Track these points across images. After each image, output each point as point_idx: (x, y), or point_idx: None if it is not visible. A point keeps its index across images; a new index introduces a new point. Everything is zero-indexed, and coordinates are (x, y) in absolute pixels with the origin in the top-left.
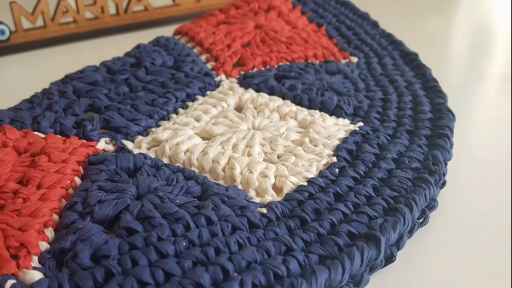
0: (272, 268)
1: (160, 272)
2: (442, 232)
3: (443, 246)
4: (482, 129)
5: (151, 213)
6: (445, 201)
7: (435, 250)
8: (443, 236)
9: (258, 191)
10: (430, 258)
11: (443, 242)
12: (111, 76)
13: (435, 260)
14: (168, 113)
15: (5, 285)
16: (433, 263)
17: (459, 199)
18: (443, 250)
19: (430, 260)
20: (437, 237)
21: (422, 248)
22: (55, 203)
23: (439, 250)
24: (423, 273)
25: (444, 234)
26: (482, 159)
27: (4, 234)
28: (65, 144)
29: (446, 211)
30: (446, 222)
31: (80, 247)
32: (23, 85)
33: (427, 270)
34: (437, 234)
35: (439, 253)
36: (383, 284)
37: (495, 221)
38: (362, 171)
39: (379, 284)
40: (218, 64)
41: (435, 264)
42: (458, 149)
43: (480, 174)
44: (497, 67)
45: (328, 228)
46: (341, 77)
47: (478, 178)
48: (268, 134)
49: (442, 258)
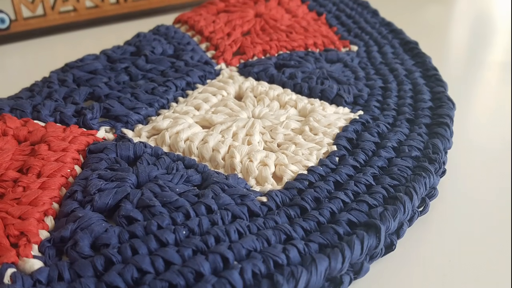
0: (272, 256)
1: (160, 260)
2: (442, 220)
3: (443, 234)
4: (482, 118)
5: (151, 201)
6: (445, 190)
7: (435, 239)
8: (443, 225)
9: (258, 179)
10: (430, 247)
11: (443, 231)
12: (111, 65)
13: (435, 249)
14: (168, 102)
15: (5, 273)
16: (433, 251)
17: (459, 188)
18: (443, 238)
19: (430, 248)
20: (437, 226)
21: (422, 236)
22: (55, 192)
23: (439, 238)
24: (423, 261)
25: (444, 223)
26: (482, 147)
27: (4, 223)
28: (65, 132)
29: (446, 200)
30: (446, 211)
31: (80, 236)
32: (23, 73)
33: (427, 258)
34: (437, 223)
35: (439, 241)
36: (383, 273)
37: (495, 210)
38: (362, 160)
39: (379, 272)
40: (218, 52)
41: (435, 253)
42: (458, 137)
43: (480, 162)
44: (497, 55)
45: (328, 217)
46: (341, 65)
47: (478, 167)
48: (268, 122)
49: (442, 246)
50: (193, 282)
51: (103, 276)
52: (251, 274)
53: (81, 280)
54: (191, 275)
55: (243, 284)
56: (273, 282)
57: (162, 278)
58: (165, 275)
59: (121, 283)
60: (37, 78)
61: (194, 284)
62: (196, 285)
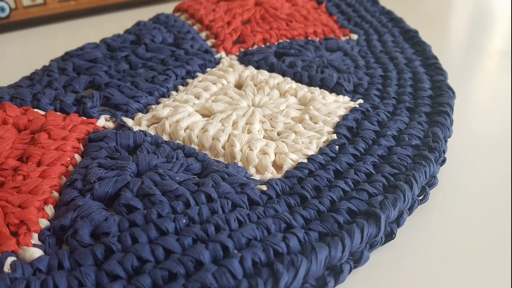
0: (272, 245)
1: (160, 249)
2: (442, 209)
3: (443, 223)
4: (482, 106)
5: (151, 190)
6: (445, 178)
7: (435, 227)
8: (443, 213)
9: (258, 168)
10: (430, 235)
11: (443, 219)
12: (111, 53)
13: (435, 237)
14: (168, 90)
15: (5, 262)
16: (433, 240)
17: (459, 176)
18: (443, 227)
19: (430, 237)
20: (437, 214)
21: (422, 225)
22: (55, 180)
23: (439, 227)
24: (423, 250)
25: (444, 211)
26: (482, 136)
27: (4, 211)
28: (65, 121)
29: (446, 188)
30: (446, 199)
31: (80, 224)
32: (23, 62)
33: (427, 247)
34: (437, 211)
35: (439, 230)
36: (383, 261)
37: (495, 198)
38: (362, 148)
39: (379, 261)
40: (218, 41)
41: (435, 241)
42: (458, 126)
43: (480, 151)
44: (497, 44)
45: (328, 205)
46: (341, 54)
47: (478, 155)
48: (268, 111)
49: (442, 235)
50: (193, 271)
51: (103, 265)
52: (251, 263)
53: (81, 268)
54: (191, 264)
55: (243, 272)
56: (273, 270)
57: (162, 266)
58: (165, 264)
59: (121, 272)
60: (37, 66)
61: (194, 273)
62: (196, 274)
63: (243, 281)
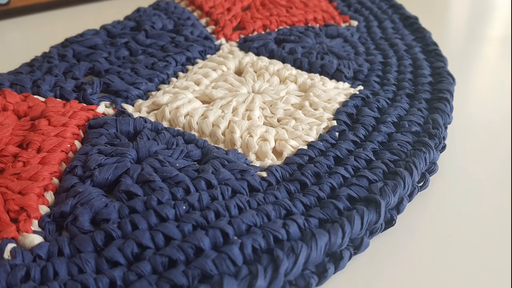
0: (272, 231)
1: (160, 235)
2: (442, 195)
3: (443, 209)
4: (482, 93)
5: (151, 176)
6: (445, 165)
7: (435, 214)
8: (443, 200)
9: (258, 154)
10: (430, 222)
11: (443, 206)
12: (111, 40)
13: (435, 224)
14: (168, 77)
15: (5, 248)
16: (433, 226)
17: (459, 163)
18: (443, 213)
19: (430, 223)
20: (437, 201)
21: (422, 211)
22: (55, 167)
23: (439, 213)
24: (423, 236)
25: (444, 198)
26: (482, 122)
27: (4, 198)
28: (65, 107)
29: (446, 175)
30: (446, 186)
31: (80, 211)
32: (23, 48)
33: (427, 233)
34: (437, 198)
35: (439, 216)
36: (383, 248)
37: (495, 184)
38: (362, 135)
39: (379, 247)
40: (218, 27)
41: (435, 228)
42: (458, 112)
43: (480, 137)
44: (497, 30)
45: (328, 192)
46: (341, 40)
47: (478, 142)
48: (268, 97)
49: (442, 221)
50: (193, 257)
51: (103, 251)
52: (251, 249)
53: (81, 255)
54: (191, 250)
55: (243, 259)
56: (273, 257)
57: (162, 253)
58: (165, 250)
59: (121, 258)
60: (37, 53)
61: (194, 259)
62: (196, 260)
63: (243, 268)
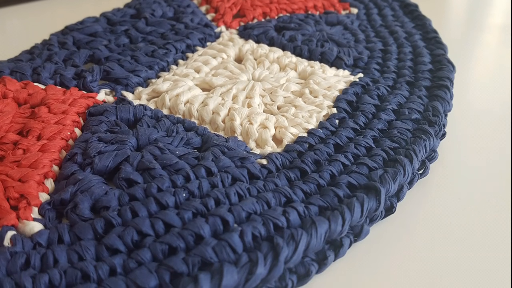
0: (272, 219)
1: (160, 223)
2: (442, 183)
3: (443, 197)
4: (482, 80)
5: (151, 164)
6: (445, 152)
7: (435, 201)
8: (443, 187)
9: (258, 142)
10: (430, 209)
11: (443, 193)
12: (111, 27)
13: (435, 211)
14: (168, 64)
15: (5, 236)
16: (433, 214)
17: (459, 150)
18: (443, 201)
19: (430, 211)
20: (437, 188)
21: (422, 199)
22: (55, 154)
23: (439, 201)
24: (423, 224)
25: (444, 185)
26: (482, 110)
27: (4, 185)
28: (65, 95)
29: (446, 162)
30: (446, 173)
31: (80, 198)
32: (23, 36)
33: (427, 221)
34: (437, 185)
35: (439, 204)
36: (383, 235)
37: (494, 172)
38: (362, 122)
39: (379, 235)
40: (218, 15)
41: (435, 215)
42: (458, 100)
43: (480, 125)
44: (497, 18)
45: (328, 179)
46: (341, 28)
47: (478, 129)
48: (268, 85)
49: (442, 209)
50: (193, 245)
51: (103, 239)
52: (251, 237)
53: (81, 242)
54: (191, 238)
55: (243, 246)
56: (273, 244)
57: (162, 240)
58: (165, 238)
59: (121, 246)
60: (37, 40)
61: (194, 247)
62: (196, 248)
63: (243, 255)
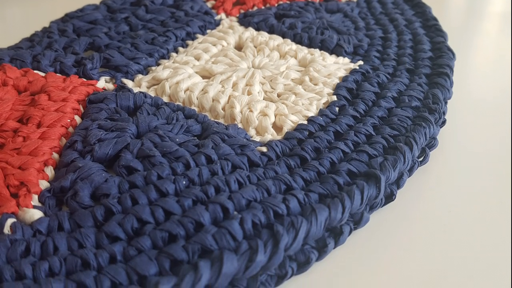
0: (272, 206)
1: (160, 210)
2: (442, 170)
3: (443, 184)
4: (482, 68)
5: (151, 151)
6: (445, 140)
7: (435, 189)
8: (443, 175)
9: (258, 129)
10: (430, 197)
11: (443, 181)
12: (111, 15)
13: (435, 199)
14: (168, 52)
15: (5, 223)
16: (433, 201)
17: (459, 138)
18: (443, 188)
19: (430, 198)
20: (437, 176)
21: (422, 186)
22: (55, 142)
23: (439, 188)
24: (423, 211)
25: (444, 173)
26: (482, 97)
27: (4, 173)
28: (65, 82)
29: (446, 150)
30: (446, 161)
31: (80, 186)
32: (23, 24)
33: (427, 208)
34: (437, 173)
35: (439, 191)
36: (383, 223)
37: (494, 159)
38: (362, 110)
39: (379, 222)
40: (218, 2)
41: (435, 203)
42: (458, 87)
43: (480, 112)
44: (497, 6)
45: (328, 167)
46: (341, 15)
47: (478, 117)
48: (268, 72)
49: (442, 196)
50: (193, 232)
51: (103, 226)
52: (251, 224)
53: (81, 230)
54: (191, 225)
55: (243, 234)
56: (273, 232)
57: (162, 228)
58: (165, 225)
59: (121, 233)
60: (37, 28)
61: (194, 234)
62: (196, 235)
63: (243, 243)
